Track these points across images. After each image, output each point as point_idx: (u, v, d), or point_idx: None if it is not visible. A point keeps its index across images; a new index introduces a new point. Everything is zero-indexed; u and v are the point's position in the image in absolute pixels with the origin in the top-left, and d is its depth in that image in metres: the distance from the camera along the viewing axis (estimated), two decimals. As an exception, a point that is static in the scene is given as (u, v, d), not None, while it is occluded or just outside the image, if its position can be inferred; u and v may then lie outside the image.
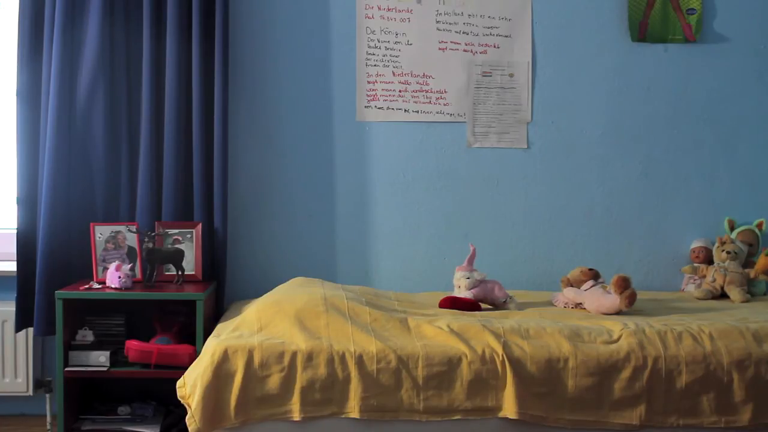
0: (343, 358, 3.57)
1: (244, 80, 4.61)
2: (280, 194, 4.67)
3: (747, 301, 4.41)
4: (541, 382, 3.58)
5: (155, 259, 4.22)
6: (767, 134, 4.79)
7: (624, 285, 4.04)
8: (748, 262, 4.60)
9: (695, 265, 4.65)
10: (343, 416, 3.56)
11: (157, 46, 4.43)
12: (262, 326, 3.74)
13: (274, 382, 3.55)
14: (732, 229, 4.69)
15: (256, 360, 3.55)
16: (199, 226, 4.39)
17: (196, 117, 4.42)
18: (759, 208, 4.75)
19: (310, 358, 3.56)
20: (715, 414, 3.63)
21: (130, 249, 4.33)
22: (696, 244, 4.71)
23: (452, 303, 4.11)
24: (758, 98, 4.77)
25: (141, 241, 4.29)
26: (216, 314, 4.33)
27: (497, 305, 4.18)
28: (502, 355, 3.58)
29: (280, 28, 4.64)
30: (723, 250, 4.56)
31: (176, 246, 4.34)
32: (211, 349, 3.59)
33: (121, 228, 4.34)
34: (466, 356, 3.58)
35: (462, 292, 4.16)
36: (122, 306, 4.27)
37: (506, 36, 4.71)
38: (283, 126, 4.66)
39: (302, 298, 3.86)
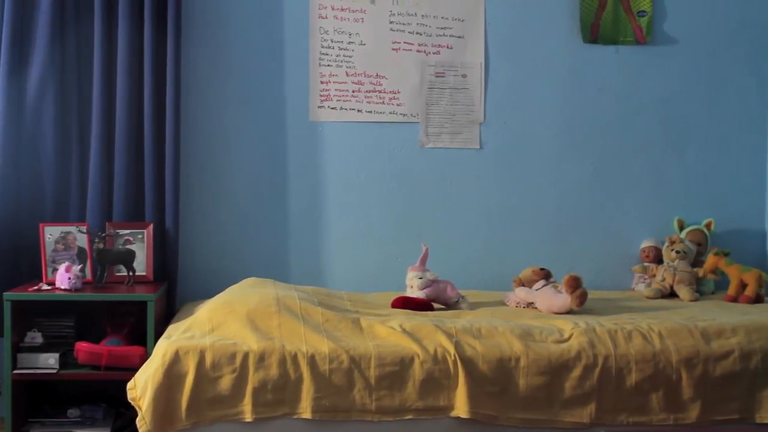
0: (295, 358, 3.56)
1: (196, 80, 4.58)
2: (233, 194, 4.64)
3: (696, 299, 4.46)
4: (492, 381, 3.60)
5: (106, 260, 4.19)
6: (716, 135, 4.84)
7: (575, 284, 4.08)
8: (696, 262, 4.66)
9: (645, 264, 4.70)
10: (295, 417, 3.55)
11: (108, 46, 4.39)
12: (214, 327, 3.72)
13: (225, 383, 3.53)
14: (681, 228, 4.74)
15: (208, 361, 3.53)
16: (151, 227, 4.36)
17: (147, 116, 4.39)
18: (708, 208, 4.81)
19: (262, 358, 3.55)
20: (664, 411, 3.67)
21: (81, 250, 4.28)
22: (646, 243, 4.76)
23: (405, 303, 4.12)
24: (707, 99, 4.83)
25: (91, 242, 4.25)
26: (167, 315, 4.30)
27: (449, 305, 4.20)
28: (454, 355, 3.59)
29: (232, 27, 4.62)
30: (672, 250, 4.60)
31: (127, 247, 4.31)
32: (162, 350, 3.56)
33: (72, 229, 4.30)
34: (419, 356, 3.59)
35: (414, 292, 4.17)
36: (72, 307, 4.22)
37: (459, 37, 4.73)
38: (235, 126, 4.64)
39: (254, 298, 3.85)
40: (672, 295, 4.56)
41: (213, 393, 3.52)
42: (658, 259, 4.70)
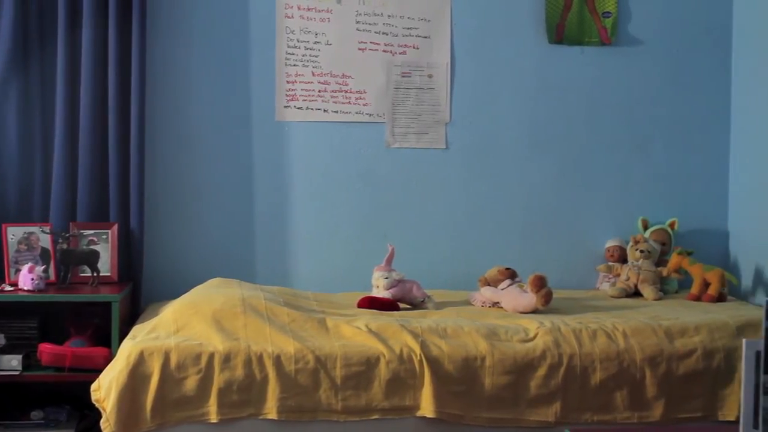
0: (260, 359, 3.56)
1: (161, 79, 4.56)
2: (198, 194, 4.62)
3: (660, 299, 4.50)
4: (458, 380, 3.61)
5: (69, 261, 4.16)
6: (680, 135, 4.88)
7: (540, 284, 4.10)
8: (660, 261, 4.69)
9: (610, 264, 4.73)
10: (261, 417, 3.54)
11: (73, 43, 4.36)
12: (179, 328, 3.70)
13: (191, 384, 3.52)
14: (645, 228, 4.78)
15: (173, 362, 3.52)
16: (115, 227, 4.34)
17: (112, 115, 4.36)
18: (671, 208, 4.84)
19: (227, 359, 3.54)
20: (629, 410, 3.70)
21: (44, 250, 4.25)
22: (611, 243, 4.79)
23: (370, 303, 4.12)
24: (671, 100, 4.87)
25: (55, 242, 4.22)
26: (132, 316, 4.27)
27: (415, 305, 4.20)
28: (420, 355, 3.59)
29: (198, 27, 4.59)
30: (637, 249, 4.63)
31: (91, 247, 4.28)
32: (126, 351, 3.54)
33: (35, 229, 4.27)
34: (384, 356, 3.59)
35: (380, 292, 4.17)
36: (35, 308, 4.18)
37: (425, 37, 4.74)
38: (201, 125, 4.62)
39: (220, 299, 3.84)
40: (636, 294, 4.58)
41: (178, 394, 3.51)
42: (623, 259, 4.73)
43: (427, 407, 3.57)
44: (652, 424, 3.70)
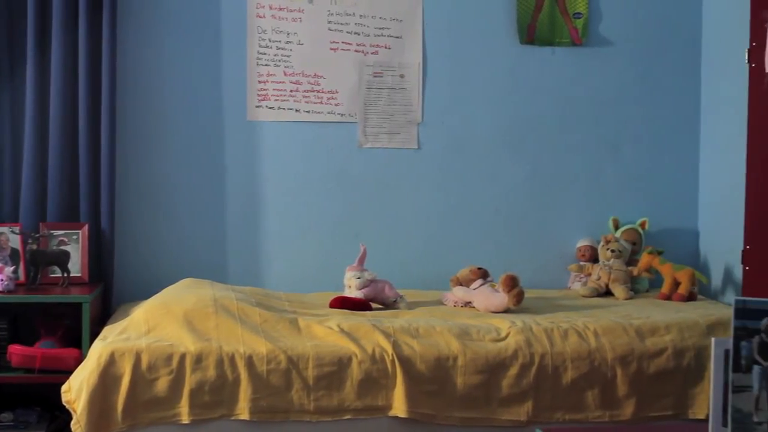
0: (232, 359, 3.54)
1: (132, 79, 4.53)
2: (170, 194, 4.60)
3: (630, 298, 4.52)
4: (430, 380, 3.61)
5: (40, 261, 4.13)
6: (650, 136, 4.91)
7: (512, 284, 4.11)
8: (631, 260, 4.71)
9: (581, 263, 4.75)
10: (233, 418, 3.53)
11: (42, 42, 4.33)
12: (150, 328, 3.68)
13: (162, 385, 3.50)
14: (616, 228, 4.80)
15: (144, 363, 3.50)
16: (86, 227, 4.31)
17: (82, 115, 4.34)
18: (642, 208, 4.87)
19: (199, 360, 3.53)
20: (600, 409, 3.72)
21: (14, 251, 4.22)
22: (582, 243, 4.81)
23: (342, 303, 4.12)
24: (641, 100, 4.89)
25: (25, 243, 4.19)
26: (103, 317, 4.25)
27: (387, 305, 4.20)
28: (392, 355, 3.60)
29: (169, 27, 4.57)
30: (608, 249, 4.66)
31: (62, 247, 4.25)
32: (97, 352, 3.52)
33: (4, 229, 4.24)
34: (356, 356, 3.59)
35: (352, 291, 4.17)
36: (5, 309, 4.15)
37: (397, 37, 4.74)
38: (172, 125, 4.60)
39: (191, 299, 3.82)
40: (607, 293, 4.61)
41: (149, 395, 3.49)
42: (594, 258, 4.75)
43: (399, 407, 3.57)
44: (623, 422, 3.72)
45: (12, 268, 4.07)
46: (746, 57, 3.82)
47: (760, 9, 3.62)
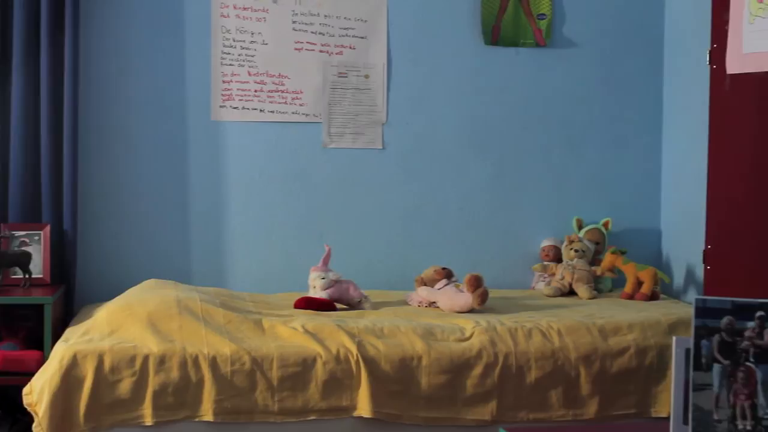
0: (196, 360, 3.53)
1: (95, 78, 4.50)
2: (133, 194, 4.57)
3: (594, 297, 4.55)
4: (395, 380, 3.61)
5: (0, 263, 4.09)
6: (613, 136, 4.94)
7: (476, 284, 4.12)
8: (594, 260, 4.74)
9: (545, 263, 4.77)
10: (197, 420, 3.51)
11: (4, 43, 4.29)
12: (113, 330, 3.66)
13: (125, 386, 3.48)
14: (580, 228, 4.83)
15: (107, 365, 3.47)
16: (48, 228, 4.28)
17: (44, 115, 4.30)
18: (605, 208, 4.90)
19: (162, 361, 3.51)
20: (563, 408, 3.74)
21: (-26, 252, 4.18)
22: (546, 242, 4.83)
23: (307, 303, 4.11)
24: (604, 101, 4.92)
25: (-15, 244, 4.15)
26: (65, 319, 4.21)
27: (352, 305, 4.20)
28: (357, 355, 3.59)
29: (132, 25, 4.54)
30: (571, 249, 4.68)
31: (23, 248, 4.21)
32: (59, 354, 3.49)
33: (-36, 230, 4.20)
34: (321, 356, 3.58)
35: (317, 292, 4.17)
36: (-35, 311, 4.12)
37: (362, 37, 4.74)
38: (136, 125, 4.57)
39: (154, 300, 3.80)
40: (571, 293, 4.63)
41: (112, 397, 3.46)
42: (558, 258, 4.77)
43: (364, 407, 3.57)
44: (586, 421, 3.74)
45: (-28, 270, 4.03)
46: (707, 59, 3.85)
47: (721, 11, 3.65)
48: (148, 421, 3.48)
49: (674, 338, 2.28)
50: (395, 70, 4.77)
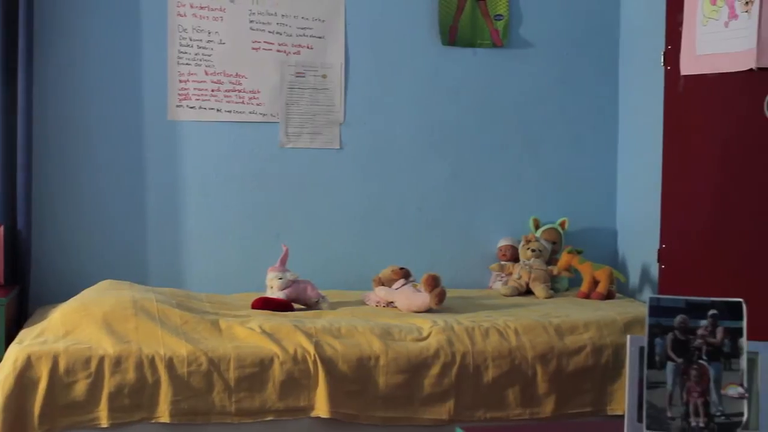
0: (152, 361, 3.51)
1: (51, 75, 4.45)
2: (89, 194, 4.53)
3: (550, 297, 4.57)
4: (352, 380, 3.61)
5: (-47, 263, 4.04)
6: (570, 136, 4.97)
7: (434, 283, 4.13)
8: (551, 260, 4.77)
9: (502, 263, 4.79)
10: (153, 421, 3.49)
11: (-45, 42, 4.24)
12: (68, 331, 3.62)
13: (80, 388, 3.45)
14: (537, 228, 4.85)
15: (61, 366, 3.44)
16: (1, 228, 4.22)
17: (-3, 114, 4.26)
18: (562, 208, 4.93)
19: (118, 362, 3.48)
20: (521, 406, 3.76)
21: (-74, 253, 4.12)
22: (503, 242, 4.85)
23: (264, 303, 4.10)
24: (561, 101, 4.96)
25: (-63, 245, 4.10)
26: (19, 320, 4.17)
27: (310, 305, 4.19)
28: (314, 355, 3.59)
29: (88, 24, 4.50)
30: (528, 249, 4.71)
31: (-24, 249, 4.17)
32: (13, 355, 3.45)
33: None
34: (278, 357, 3.58)
35: (274, 292, 4.16)
36: None
37: (320, 37, 4.73)
38: (92, 124, 4.53)
39: (110, 301, 3.77)
40: (528, 292, 4.65)
41: (67, 399, 3.43)
42: (515, 258, 4.80)
43: (321, 407, 3.56)
44: (543, 419, 3.76)
45: (-76, 271, 3.98)
46: (662, 60, 3.89)
47: (675, 13, 3.69)
48: (104, 422, 3.45)
49: (628, 337, 2.30)
50: (353, 70, 4.77)
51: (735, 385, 2.24)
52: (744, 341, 2.26)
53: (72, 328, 3.63)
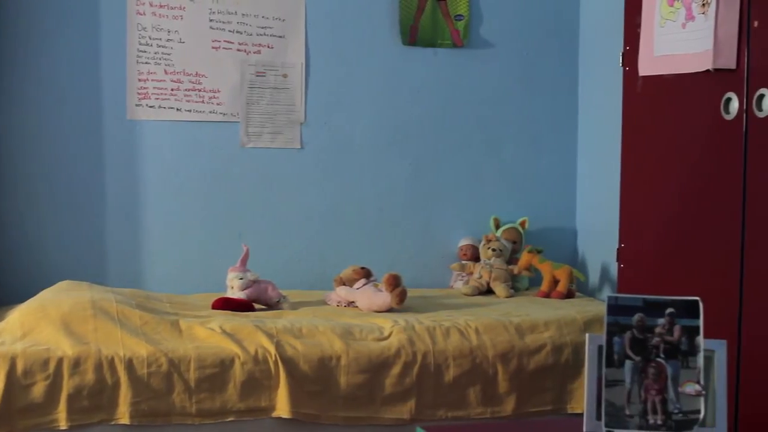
0: (112, 363, 3.48)
1: (8, 74, 4.41)
2: (47, 195, 4.49)
3: (511, 296, 4.59)
4: (313, 380, 3.61)
5: None
6: (530, 136, 5.00)
7: (395, 283, 4.13)
8: (512, 259, 4.79)
9: (463, 262, 4.81)
10: (113, 423, 3.47)
11: None
12: (26, 332, 3.58)
13: (38, 390, 3.41)
14: (497, 227, 4.87)
15: (19, 368, 3.40)
16: (-43, 229, 4.18)
17: (-47, 114, 4.21)
18: (522, 207, 4.95)
19: (77, 364, 3.45)
20: (482, 405, 3.77)
21: None
22: (463, 242, 4.87)
23: (225, 304, 4.08)
24: (521, 102, 4.98)
25: None
26: (-24, 321, 4.12)
27: (271, 305, 4.18)
28: (275, 355, 3.58)
29: (46, 23, 4.46)
30: (489, 248, 4.72)
31: (-69, 250, 4.11)
32: (-31, 358, 3.42)
33: None
34: (239, 357, 3.56)
35: (235, 292, 4.14)
36: None
37: (280, 36, 4.72)
38: (50, 124, 4.49)
39: (69, 302, 3.73)
40: (489, 291, 4.67)
41: (25, 401, 3.39)
42: (476, 257, 4.81)
43: (282, 408, 3.56)
44: (504, 418, 3.77)
45: None
46: (620, 60, 3.92)
47: (633, 14, 3.71)
48: (63, 425, 3.42)
49: (587, 335, 2.32)
50: (313, 69, 4.76)
51: (692, 382, 2.27)
52: (701, 339, 2.28)
53: (30, 330, 3.59)
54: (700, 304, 2.28)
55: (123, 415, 3.46)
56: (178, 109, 4.61)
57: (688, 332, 2.28)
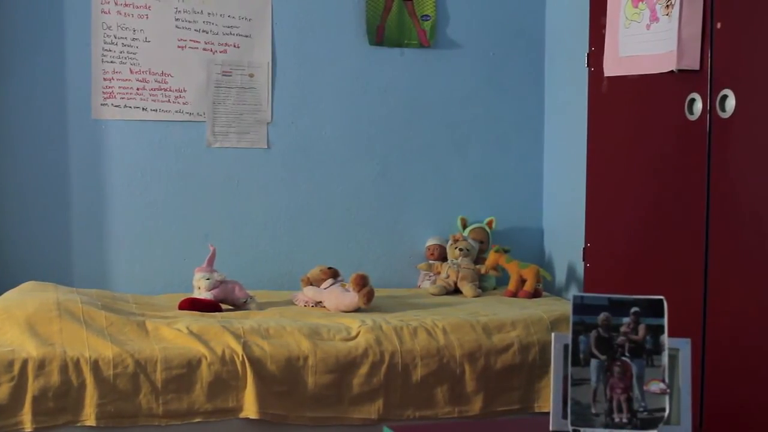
0: (77, 364, 3.45)
1: (-31, 75, 4.38)
2: (11, 195, 4.46)
3: (478, 295, 4.61)
4: (281, 380, 3.60)
5: None
6: (496, 136, 5.02)
7: (362, 283, 4.13)
8: (479, 259, 4.80)
9: (430, 262, 4.82)
10: (79, 424, 3.44)
11: None
12: (-10, 334, 3.56)
13: (2, 392, 3.37)
14: (464, 227, 4.89)
15: (-17, 370, 3.38)
16: None
17: None
18: (489, 207, 4.97)
19: (42, 365, 3.42)
20: (449, 405, 3.77)
21: None
22: (431, 242, 4.88)
23: (192, 304, 4.06)
24: (488, 102, 5.00)
25: None
26: (-61, 323, 4.08)
27: (238, 306, 4.17)
28: (242, 356, 3.57)
29: (9, 20, 4.42)
30: (456, 248, 4.74)
31: None
32: (-68, 360, 3.38)
33: None
34: (206, 358, 3.55)
35: (202, 293, 4.12)
36: None
37: (246, 36, 4.71)
38: (13, 124, 4.45)
39: (33, 303, 3.70)
40: (456, 291, 4.68)
41: (-11, 404, 3.37)
42: (443, 257, 4.82)
43: (250, 408, 3.55)
44: (471, 417, 3.79)
45: None
46: (586, 61, 3.94)
47: (598, 15, 3.74)
48: (28, 427, 3.39)
49: (553, 334, 2.33)
50: (280, 69, 4.76)
51: (657, 381, 2.29)
52: (665, 338, 2.31)
53: (-6, 331, 3.57)
54: (665, 303, 2.31)
55: (89, 416, 3.44)
56: (143, 109, 4.59)
57: (652, 331, 2.30)
